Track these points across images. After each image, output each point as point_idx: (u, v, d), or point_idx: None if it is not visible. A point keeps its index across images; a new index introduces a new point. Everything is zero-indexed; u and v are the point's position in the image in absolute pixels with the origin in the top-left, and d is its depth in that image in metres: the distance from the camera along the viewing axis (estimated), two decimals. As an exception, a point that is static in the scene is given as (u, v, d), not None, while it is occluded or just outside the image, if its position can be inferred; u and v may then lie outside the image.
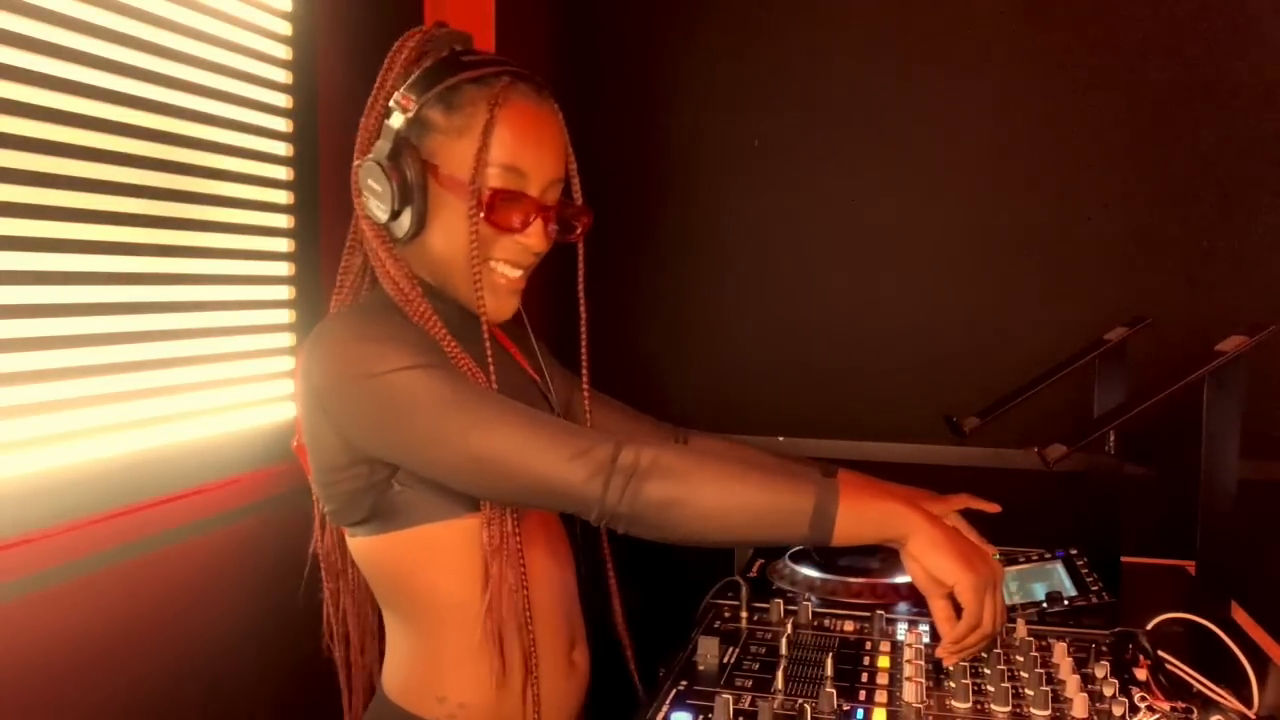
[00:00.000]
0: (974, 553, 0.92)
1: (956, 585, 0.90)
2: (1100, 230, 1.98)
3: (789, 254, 2.12)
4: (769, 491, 0.91)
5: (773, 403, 2.13)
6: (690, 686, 1.04)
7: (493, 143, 0.99)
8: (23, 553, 1.00)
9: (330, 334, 0.97)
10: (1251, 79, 1.90)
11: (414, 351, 0.94)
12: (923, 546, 0.91)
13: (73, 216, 1.10)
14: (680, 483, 0.90)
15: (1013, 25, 2.02)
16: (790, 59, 2.11)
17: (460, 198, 0.99)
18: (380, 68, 1.04)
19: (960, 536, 0.93)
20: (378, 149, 0.99)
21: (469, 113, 0.99)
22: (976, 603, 0.90)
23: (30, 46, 1.03)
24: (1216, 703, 1.03)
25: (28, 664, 1.02)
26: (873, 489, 0.97)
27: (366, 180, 1.00)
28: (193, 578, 1.27)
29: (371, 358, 0.93)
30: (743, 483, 0.91)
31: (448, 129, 1.00)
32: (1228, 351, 1.21)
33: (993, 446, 1.93)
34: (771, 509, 0.91)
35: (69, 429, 1.10)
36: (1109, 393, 1.52)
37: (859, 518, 0.91)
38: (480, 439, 0.91)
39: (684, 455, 0.93)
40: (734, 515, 0.91)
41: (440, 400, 0.92)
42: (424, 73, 1.00)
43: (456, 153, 0.99)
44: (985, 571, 0.91)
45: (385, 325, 0.98)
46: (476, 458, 0.92)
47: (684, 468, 0.91)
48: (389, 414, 0.93)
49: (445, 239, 1.01)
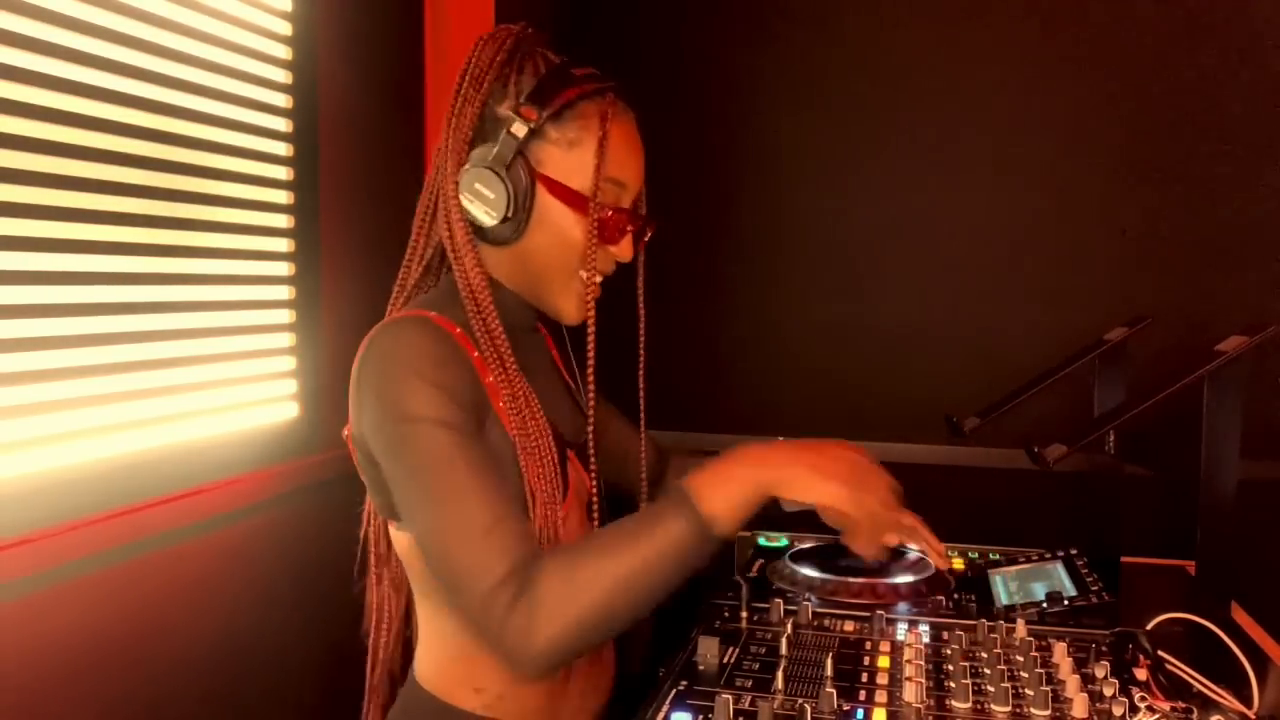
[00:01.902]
0: (823, 457, 0.97)
1: (837, 506, 0.96)
2: (1100, 230, 1.98)
3: (788, 254, 2.12)
4: (643, 544, 0.91)
5: (773, 403, 2.13)
6: (690, 686, 1.04)
7: (605, 159, 1.03)
8: (23, 553, 1.00)
9: (393, 352, 0.97)
10: (1252, 79, 1.90)
11: (451, 405, 0.94)
12: (790, 490, 0.95)
13: (73, 216, 1.10)
14: (568, 605, 0.88)
15: (1013, 27, 2.02)
16: (788, 59, 2.11)
17: (569, 208, 1.03)
18: (455, 67, 1.06)
19: (812, 450, 0.98)
20: (493, 155, 1.01)
21: (581, 125, 1.03)
22: (858, 510, 0.96)
23: (30, 46, 1.03)
24: (1216, 703, 1.03)
25: (28, 664, 1.02)
26: (719, 472, 0.95)
27: (474, 184, 1.02)
28: (193, 578, 1.27)
29: (411, 398, 0.94)
30: (617, 558, 0.90)
31: (559, 140, 1.03)
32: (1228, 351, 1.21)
33: (993, 446, 1.93)
34: (658, 554, 0.90)
35: (69, 429, 1.10)
36: (1109, 393, 1.52)
37: (727, 502, 0.93)
38: (432, 532, 0.93)
39: (556, 576, 0.89)
40: (635, 588, 0.90)
41: (435, 476, 0.93)
42: (541, 84, 1.02)
43: (567, 163, 1.03)
44: (839, 466, 0.96)
45: (441, 353, 0.97)
46: (421, 539, 0.95)
47: (559, 594, 0.88)
48: (401, 461, 0.95)
49: (544, 246, 1.05)
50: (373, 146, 1.70)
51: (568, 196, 1.03)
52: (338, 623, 1.52)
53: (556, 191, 1.03)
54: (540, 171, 1.03)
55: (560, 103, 1.02)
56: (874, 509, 0.98)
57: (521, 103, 1.02)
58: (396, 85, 1.78)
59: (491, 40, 1.06)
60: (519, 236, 1.04)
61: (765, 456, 0.96)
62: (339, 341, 1.60)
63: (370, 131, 1.69)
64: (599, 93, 1.05)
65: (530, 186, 1.02)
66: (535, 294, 1.10)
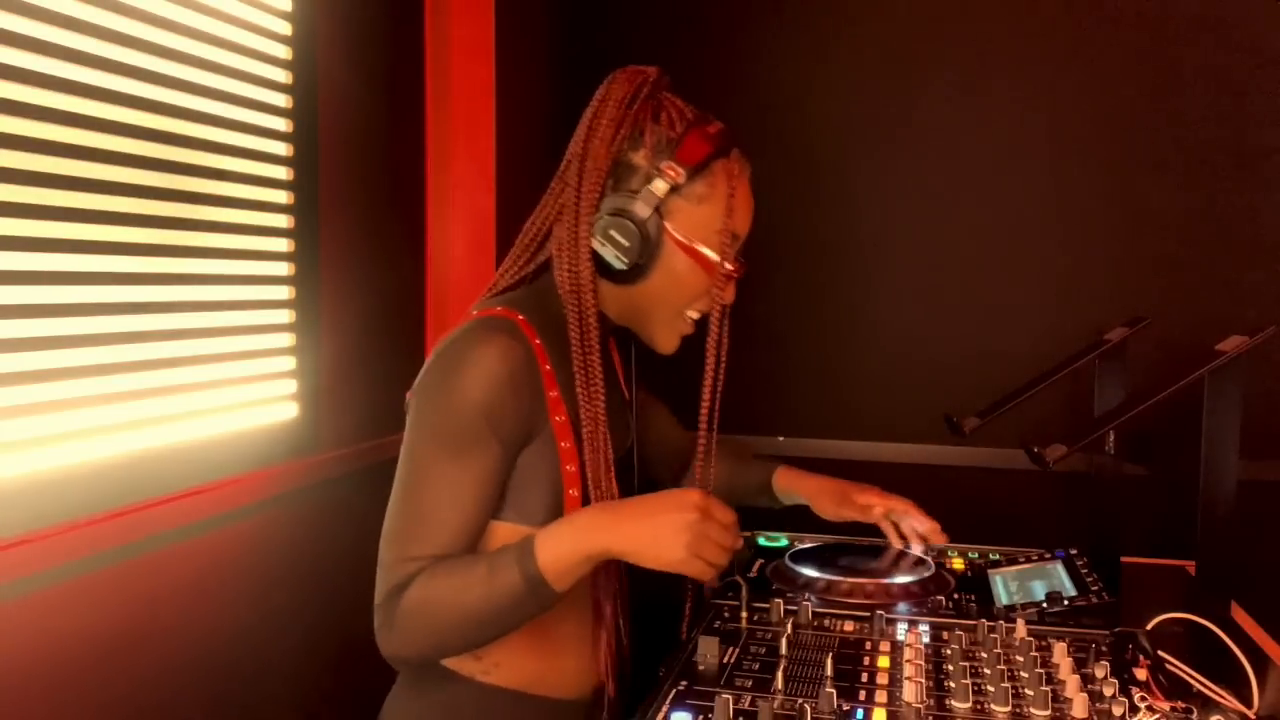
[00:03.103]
0: (660, 530, 0.98)
1: (673, 569, 0.99)
2: (1100, 230, 1.98)
3: (787, 254, 2.12)
4: (486, 589, 0.98)
5: (773, 403, 2.13)
6: (690, 686, 1.04)
7: (730, 217, 1.10)
8: (23, 553, 1.00)
9: (471, 354, 1.03)
10: (1252, 80, 1.90)
11: (483, 432, 1.02)
12: (624, 555, 0.99)
13: (73, 216, 1.10)
14: (416, 635, 0.99)
15: (1014, 28, 2.02)
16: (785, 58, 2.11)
17: (692, 260, 1.10)
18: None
19: (642, 513, 1.00)
20: (632, 206, 1.07)
21: (710, 183, 1.10)
22: (694, 571, 0.99)
23: (30, 46, 1.03)
24: (1216, 703, 1.03)
25: (28, 664, 1.02)
26: (564, 533, 1.00)
27: (609, 230, 1.08)
28: (193, 578, 1.27)
29: (454, 404, 1.01)
30: (462, 597, 0.98)
31: (689, 195, 1.10)
32: (1228, 351, 1.21)
33: (993, 446, 1.93)
34: (495, 602, 0.98)
35: (69, 429, 1.10)
36: (1109, 393, 1.52)
37: (561, 563, 0.98)
38: (386, 519, 1.03)
39: (411, 609, 0.99)
40: (472, 628, 1.00)
41: (409, 483, 1.03)
42: (682, 143, 1.08)
43: (694, 218, 1.10)
44: (670, 545, 0.97)
45: (511, 370, 1.03)
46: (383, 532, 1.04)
47: (412, 625, 0.99)
48: (407, 440, 1.05)
49: (659, 289, 1.12)
50: (373, 146, 1.70)
51: (694, 253, 1.10)
52: (338, 622, 1.52)
53: (684, 247, 1.10)
54: (670, 224, 1.09)
55: (698, 162, 1.08)
56: (708, 566, 1.00)
57: (662, 158, 1.08)
58: (396, 85, 1.78)
59: (626, 81, 1.11)
60: (639, 280, 1.11)
61: (608, 524, 1.00)
62: (338, 341, 1.60)
63: (370, 131, 1.69)
64: (728, 150, 1.11)
65: (659, 238, 1.09)
66: (637, 324, 1.18)
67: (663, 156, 1.08)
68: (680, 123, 1.10)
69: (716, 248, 1.11)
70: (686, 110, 1.12)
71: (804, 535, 1.59)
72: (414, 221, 1.83)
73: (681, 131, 1.09)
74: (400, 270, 1.78)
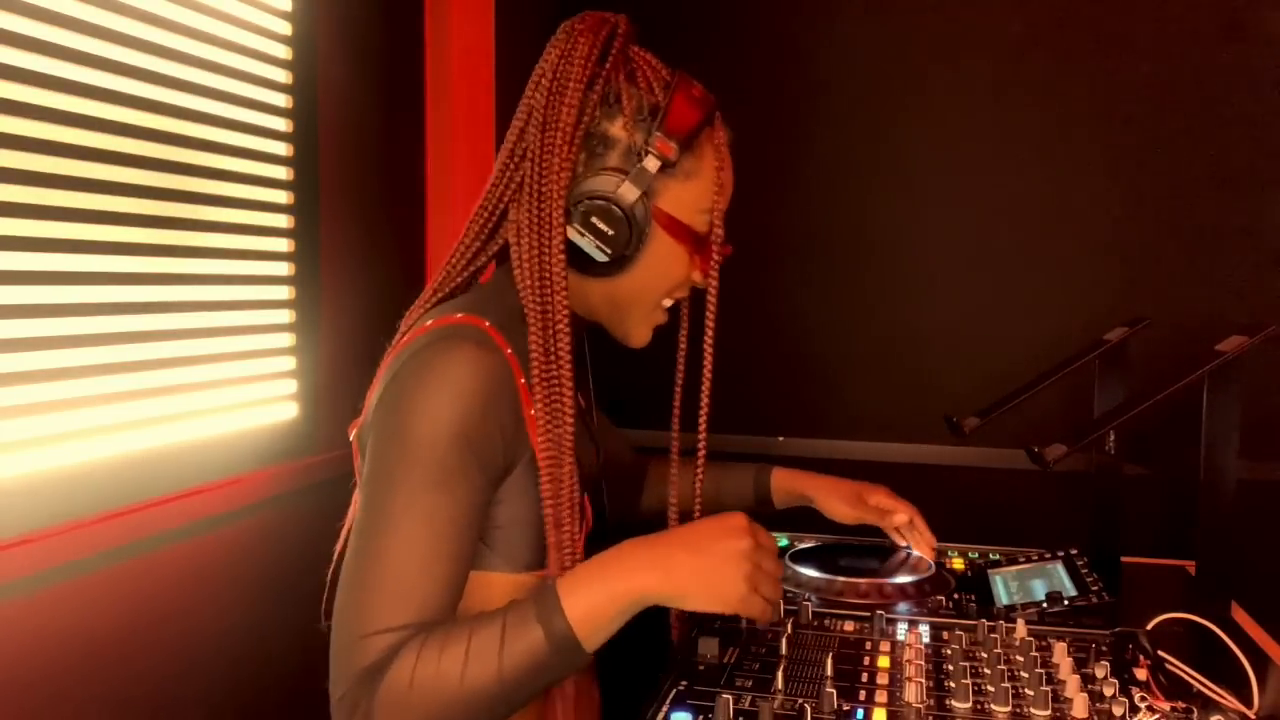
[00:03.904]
0: (719, 566, 0.86)
1: (732, 610, 0.88)
2: (1100, 230, 1.98)
3: (787, 254, 2.12)
4: (498, 658, 0.80)
5: (773, 403, 2.13)
6: (690, 686, 1.04)
7: (720, 192, 0.97)
8: (23, 553, 1.00)
9: (439, 376, 0.86)
10: (1252, 80, 1.90)
11: (460, 465, 0.85)
12: (672, 599, 0.87)
13: (73, 216, 1.10)
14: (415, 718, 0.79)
15: (1014, 28, 2.02)
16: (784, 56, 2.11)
17: (681, 245, 0.97)
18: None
19: (691, 547, 0.87)
20: (618, 189, 0.92)
21: (698, 155, 0.96)
22: (748, 611, 0.89)
23: (30, 46, 1.03)
24: (1216, 703, 1.03)
25: (28, 664, 1.02)
26: (593, 577, 0.85)
27: (591, 218, 0.93)
28: (193, 578, 1.27)
29: (423, 434, 0.84)
30: (467, 671, 0.80)
31: (676, 171, 0.95)
32: (1228, 351, 1.21)
33: (993, 446, 1.93)
34: (512, 671, 0.80)
35: (69, 429, 1.10)
36: (1109, 393, 1.51)
37: (597, 619, 0.83)
38: (343, 580, 0.85)
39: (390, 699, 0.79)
40: (474, 709, 0.80)
41: (376, 535, 0.84)
42: (672, 112, 0.93)
43: (683, 195, 0.96)
44: (729, 581, 0.87)
45: (487, 393, 0.87)
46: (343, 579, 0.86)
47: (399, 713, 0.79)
48: (370, 485, 0.87)
49: (641, 280, 0.98)
50: (373, 146, 1.70)
51: (685, 236, 0.96)
52: (338, 623, 1.52)
53: (675, 230, 0.96)
54: (659, 208, 0.95)
55: (688, 133, 0.93)
56: (764, 603, 0.91)
57: (647, 129, 0.92)
58: (396, 85, 1.78)
59: (590, 32, 0.95)
60: (618, 272, 0.96)
61: (651, 563, 0.86)
62: (338, 341, 1.60)
63: (370, 131, 1.69)
64: (713, 117, 0.97)
65: (647, 223, 0.94)
66: (608, 319, 1.03)
67: (647, 127, 0.92)
68: (659, 84, 0.95)
69: (704, 227, 0.98)
70: (662, 68, 0.97)
71: (804, 535, 1.59)
72: (414, 221, 1.83)
73: (664, 96, 0.93)
74: (400, 270, 1.78)
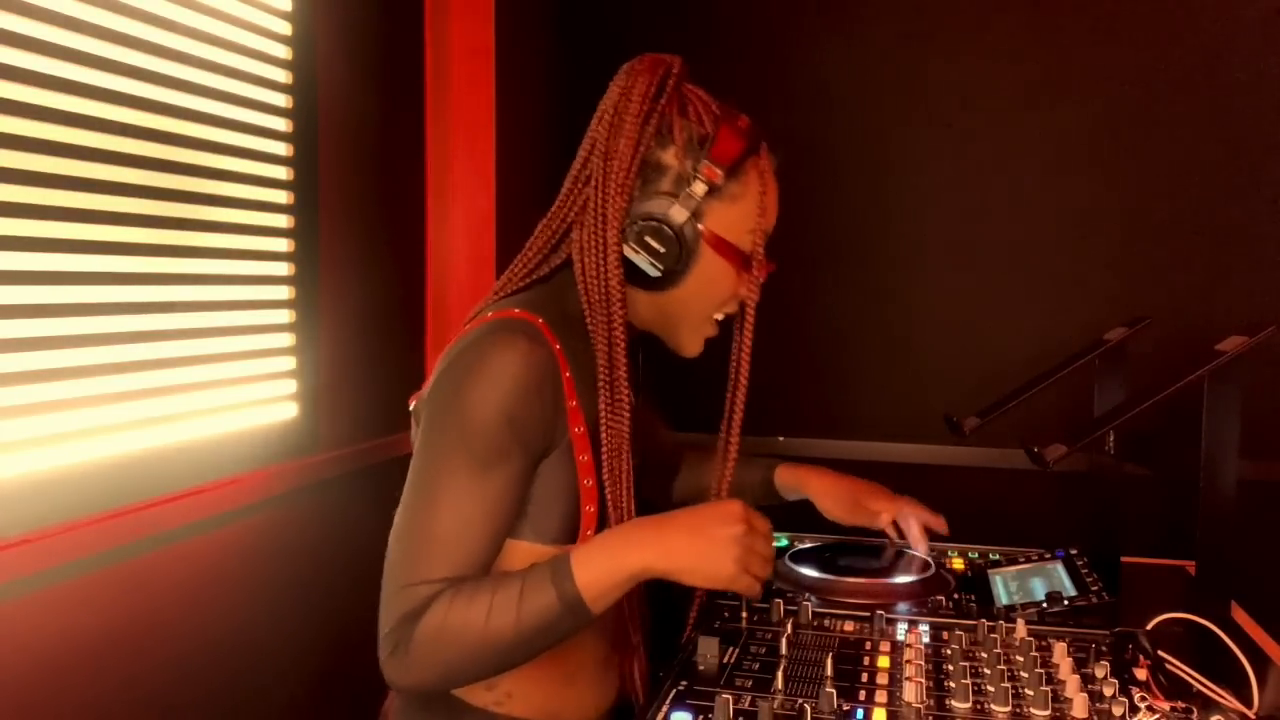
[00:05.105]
0: (710, 546, 0.95)
1: (722, 585, 0.96)
2: (1100, 230, 1.98)
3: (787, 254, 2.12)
4: (515, 610, 0.91)
5: (772, 403, 2.13)
6: (690, 686, 1.04)
7: (764, 215, 1.07)
8: (23, 553, 1.00)
9: (490, 361, 0.97)
10: (1252, 80, 1.90)
11: (506, 442, 0.96)
12: (669, 573, 0.95)
13: (73, 216, 1.10)
14: (434, 663, 0.92)
15: (1014, 29, 2.02)
16: (785, 59, 2.11)
17: (728, 262, 1.07)
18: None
19: (687, 529, 0.96)
20: (669, 211, 1.03)
21: (743, 181, 1.06)
22: (738, 586, 0.96)
23: (30, 46, 1.03)
24: (1216, 703, 1.03)
25: (28, 664, 1.02)
26: (604, 549, 0.95)
27: (644, 237, 1.03)
28: (193, 578, 1.27)
29: (473, 413, 0.95)
30: (489, 620, 0.91)
31: (723, 194, 1.05)
32: (1228, 351, 1.20)
33: (993, 446, 1.93)
34: (529, 623, 0.91)
35: (69, 429, 1.10)
36: (1109, 393, 1.51)
37: (601, 584, 0.93)
38: (392, 539, 0.96)
39: (429, 634, 0.91)
40: (500, 652, 0.92)
41: (421, 498, 0.96)
42: (719, 141, 1.03)
43: (729, 217, 1.06)
44: (721, 562, 0.94)
45: (534, 379, 0.97)
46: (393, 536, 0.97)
47: (429, 651, 0.91)
48: (420, 456, 0.98)
49: (691, 294, 1.08)
50: (373, 146, 1.70)
51: (731, 255, 1.06)
52: (337, 622, 1.52)
53: (721, 249, 1.06)
54: (707, 228, 1.05)
55: (734, 161, 1.03)
56: (754, 580, 0.97)
57: (696, 157, 1.03)
58: (396, 85, 1.78)
59: (648, 72, 1.05)
60: (670, 286, 1.07)
61: (651, 541, 0.95)
62: (338, 341, 1.60)
63: (370, 131, 1.69)
64: (758, 146, 1.06)
65: (697, 243, 1.05)
66: (663, 330, 1.14)
67: (696, 155, 1.03)
68: (708, 117, 1.04)
69: (749, 247, 1.07)
70: (711, 103, 1.07)
71: (804, 535, 1.59)
72: (414, 221, 1.83)
73: (713, 128, 1.04)
74: (400, 270, 1.78)
